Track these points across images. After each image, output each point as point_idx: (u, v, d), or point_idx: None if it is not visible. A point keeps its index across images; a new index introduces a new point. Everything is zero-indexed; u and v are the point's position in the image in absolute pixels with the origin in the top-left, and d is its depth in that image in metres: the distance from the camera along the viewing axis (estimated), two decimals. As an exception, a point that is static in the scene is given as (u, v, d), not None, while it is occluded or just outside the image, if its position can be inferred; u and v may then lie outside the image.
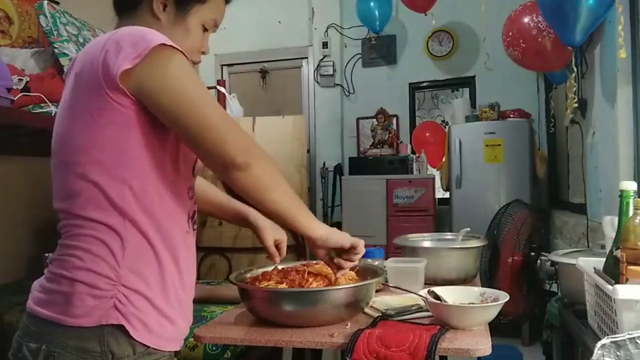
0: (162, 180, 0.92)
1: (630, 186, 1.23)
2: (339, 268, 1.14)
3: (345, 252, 1.12)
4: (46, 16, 1.83)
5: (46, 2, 1.87)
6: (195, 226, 1.04)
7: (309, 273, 1.23)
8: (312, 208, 4.57)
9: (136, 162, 0.89)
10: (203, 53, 1.05)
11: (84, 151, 0.88)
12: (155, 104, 0.87)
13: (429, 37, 4.47)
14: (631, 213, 1.19)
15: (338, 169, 4.59)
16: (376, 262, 1.52)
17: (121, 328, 0.86)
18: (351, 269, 1.27)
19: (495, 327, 1.21)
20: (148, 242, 0.90)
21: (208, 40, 1.05)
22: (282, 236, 1.27)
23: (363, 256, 1.54)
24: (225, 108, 3.18)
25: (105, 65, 0.85)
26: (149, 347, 0.90)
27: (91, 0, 1.09)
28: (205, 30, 1.03)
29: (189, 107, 0.86)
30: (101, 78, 0.85)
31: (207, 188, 1.26)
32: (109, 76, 0.85)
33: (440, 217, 4.23)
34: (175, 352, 0.99)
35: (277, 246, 1.26)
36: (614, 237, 1.25)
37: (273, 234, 1.25)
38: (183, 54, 0.90)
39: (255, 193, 0.93)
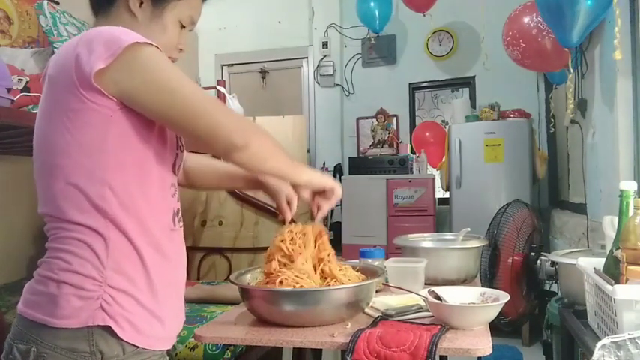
0: (144, 179, 0.92)
1: (630, 186, 1.24)
2: (319, 208, 1.21)
3: (323, 194, 1.20)
4: (46, 16, 1.83)
5: (46, 2, 1.86)
6: (181, 224, 1.04)
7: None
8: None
9: (116, 162, 0.88)
10: (181, 50, 1.05)
11: (63, 153, 0.88)
12: (138, 101, 0.87)
13: (429, 37, 4.47)
14: (631, 213, 1.19)
15: (338, 169, 4.58)
16: (376, 262, 1.52)
17: (108, 328, 0.86)
18: (353, 268, 1.28)
19: (495, 327, 1.22)
20: (131, 242, 0.90)
21: (186, 38, 1.05)
22: (293, 193, 1.28)
23: (363, 256, 1.56)
24: (225, 108, 3.17)
25: (78, 66, 0.85)
26: (138, 347, 0.90)
27: (91, 0, 1.09)
28: (183, 27, 1.03)
29: (173, 98, 0.87)
30: (75, 79, 0.85)
31: (209, 162, 1.29)
32: (83, 77, 0.84)
33: (440, 217, 4.24)
34: (167, 350, 0.99)
35: (287, 202, 1.28)
36: (614, 237, 1.25)
37: (284, 192, 1.27)
38: (158, 48, 0.89)
39: (255, 167, 1.00)
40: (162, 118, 0.90)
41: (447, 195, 3.96)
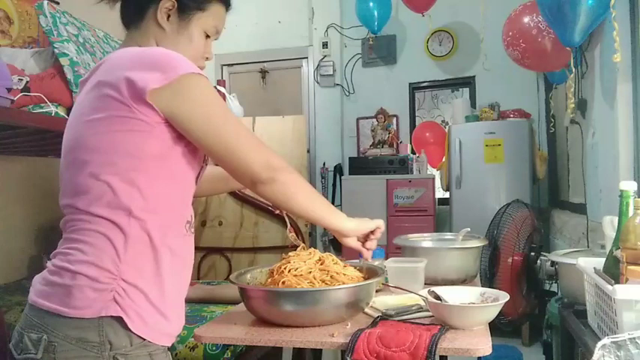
0: (171, 187, 0.98)
1: (630, 186, 1.24)
2: (369, 248, 1.23)
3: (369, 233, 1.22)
4: (46, 16, 1.83)
5: (46, 2, 1.86)
6: (192, 230, 1.07)
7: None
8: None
9: (148, 168, 0.94)
10: (207, 59, 1.11)
11: (99, 151, 0.93)
12: (184, 125, 0.94)
13: (429, 37, 4.47)
14: (631, 213, 1.19)
15: (338, 169, 4.59)
16: (376, 262, 1.52)
17: (119, 319, 0.90)
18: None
19: (495, 327, 1.22)
20: (150, 241, 0.94)
21: (211, 46, 1.11)
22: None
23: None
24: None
25: (130, 81, 0.90)
26: (145, 339, 0.93)
27: (91, 0, 1.10)
28: (208, 37, 1.09)
29: (215, 132, 0.95)
30: (126, 91, 0.91)
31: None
32: (136, 91, 0.90)
33: (440, 217, 4.24)
34: (168, 348, 1.01)
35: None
36: (614, 237, 1.25)
37: None
38: (205, 77, 0.96)
39: (280, 202, 1.04)
40: (202, 145, 0.97)
41: (447, 195, 3.96)
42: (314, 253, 1.28)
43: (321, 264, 1.24)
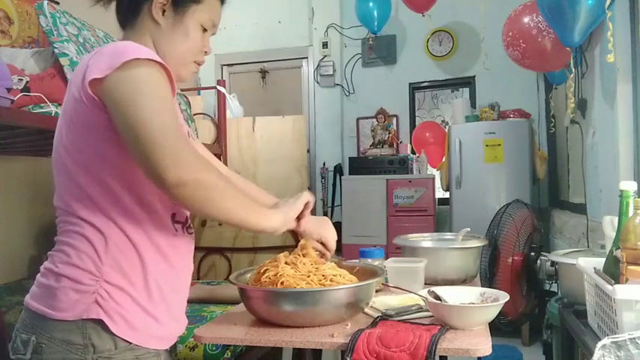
0: (139, 183, 0.94)
1: (630, 186, 1.24)
2: (304, 228, 1.22)
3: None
4: (46, 16, 1.83)
5: (46, 2, 1.86)
6: (191, 231, 1.05)
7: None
8: (313, 208, 4.57)
9: (114, 165, 0.92)
10: (206, 53, 1.09)
11: (70, 153, 0.93)
12: (110, 111, 0.88)
13: (429, 37, 4.47)
14: (631, 213, 1.19)
15: (338, 169, 4.59)
16: (376, 262, 1.52)
17: (101, 322, 0.89)
18: (351, 270, 1.29)
19: (495, 327, 1.21)
20: (130, 241, 0.93)
21: (209, 41, 1.10)
22: (329, 234, 1.24)
23: (363, 256, 1.56)
24: (225, 108, 3.18)
25: (84, 75, 0.89)
26: (131, 343, 0.91)
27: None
28: (205, 30, 1.07)
29: (132, 116, 0.85)
30: (80, 86, 0.89)
31: (243, 185, 1.27)
32: (84, 84, 0.88)
33: (440, 217, 4.24)
34: (165, 350, 0.99)
35: (322, 243, 1.23)
36: (614, 237, 1.25)
37: (315, 237, 1.23)
38: (163, 66, 0.90)
39: (195, 208, 0.90)
40: (120, 131, 0.87)
41: (447, 195, 3.96)
42: (279, 259, 1.23)
43: (309, 272, 1.22)
